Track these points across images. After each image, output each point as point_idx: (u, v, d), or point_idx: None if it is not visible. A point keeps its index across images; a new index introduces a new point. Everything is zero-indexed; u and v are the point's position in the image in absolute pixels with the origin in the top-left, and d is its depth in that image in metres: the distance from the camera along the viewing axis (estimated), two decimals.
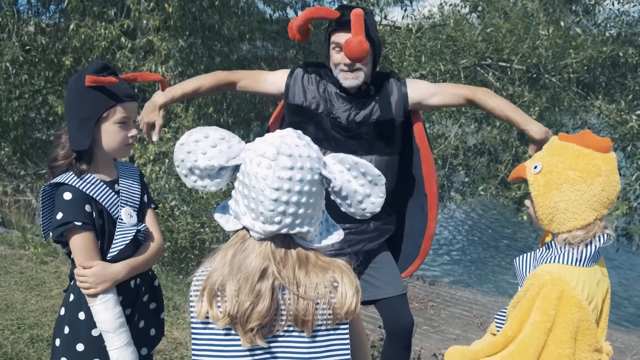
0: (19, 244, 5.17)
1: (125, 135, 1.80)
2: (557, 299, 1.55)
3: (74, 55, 7.09)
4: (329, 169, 1.24)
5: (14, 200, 7.13)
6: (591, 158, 1.58)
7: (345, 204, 1.27)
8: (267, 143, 1.22)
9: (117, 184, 1.87)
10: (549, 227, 1.63)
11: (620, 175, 5.83)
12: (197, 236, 6.23)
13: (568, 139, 1.64)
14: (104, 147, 1.79)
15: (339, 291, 1.24)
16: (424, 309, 7.50)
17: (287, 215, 1.19)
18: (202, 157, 1.24)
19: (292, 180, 1.18)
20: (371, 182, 1.26)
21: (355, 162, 1.25)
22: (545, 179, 1.61)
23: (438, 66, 5.91)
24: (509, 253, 11.44)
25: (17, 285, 4.18)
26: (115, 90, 1.76)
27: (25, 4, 8.38)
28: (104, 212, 1.78)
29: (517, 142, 6.13)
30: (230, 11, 7.57)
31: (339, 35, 2.21)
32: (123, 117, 1.78)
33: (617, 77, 5.85)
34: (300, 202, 1.19)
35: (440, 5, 7.03)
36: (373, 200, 1.27)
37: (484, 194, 6.29)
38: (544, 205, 1.61)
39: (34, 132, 8.20)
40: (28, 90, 7.43)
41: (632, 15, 5.84)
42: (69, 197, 1.72)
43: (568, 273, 1.57)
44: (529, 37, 5.37)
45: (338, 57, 2.23)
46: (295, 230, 1.22)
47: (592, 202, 1.57)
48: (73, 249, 1.75)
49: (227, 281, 1.23)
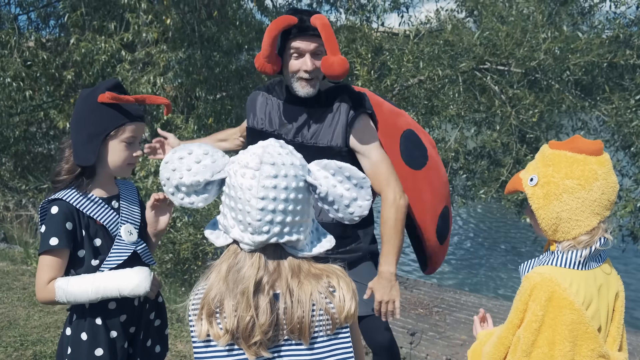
0: (21, 259, 5.19)
1: (130, 154, 1.81)
2: (546, 300, 1.54)
3: (75, 69, 7.12)
4: (314, 175, 1.25)
5: (15, 215, 7.15)
6: (586, 163, 1.57)
7: (332, 210, 1.28)
8: (250, 154, 1.23)
9: (116, 200, 1.87)
10: (554, 236, 1.63)
11: (622, 175, 5.77)
12: (199, 247, 6.22)
13: (559, 146, 1.63)
14: (109, 164, 1.80)
15: (336, 296, 1.25)
16: (429, 314, 7.47)
17: (275, 224, 1.20)
18: (187, 174, 1.25)
19: (277, 188, 1.19)
20: (357, 186, 1.27)
21: (339, 166, 1.26)
22: (543, 191, 1.60)
23: (436, 71, 5.91)
24: (511, 256, 11.40)
25: (20, 302, 4.19)
26: (127, 109, 1.78)
27: (26, 20, 8.44)
28: (100, 229, 1.78)
29: (518, 145, 6.12)
30: (229, 22, 7.59)
31: (301, 42, 2.10)
32: (130, 137, 1.79)
33: (614, 79, 5.85)
34: (287, 210, 1.20)
35: (436, 10, 7.05)
36: (360, 203, 1.28)
37: (485, 197, 6.28)
38: (547, 217, 1.60)
39: (35, 146, 8.23)
40: (29, 105, 7.46)
41: (629, 18, 5.85)
42: (54, 211, 1.73)
43: (560, 275, 1.57)
44: (526, 40, 5.37)
45: (297, 63, 2.12)
46: (285, 239, 1.22)
47: (593, 207, 1.56)
48: (39, 264, 1.76)
49: (225, 297, 1.23)
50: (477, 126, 6.66)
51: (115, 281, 1.72)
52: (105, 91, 1.74)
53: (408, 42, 6.36)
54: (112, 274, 1.74)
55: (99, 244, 1.78)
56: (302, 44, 2.10)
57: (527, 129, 5.97)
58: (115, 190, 1.89)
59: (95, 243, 1.78)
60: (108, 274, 1.74)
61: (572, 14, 6.11)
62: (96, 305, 1.78)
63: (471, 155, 7.04)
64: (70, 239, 1.73)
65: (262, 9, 8.47)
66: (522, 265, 1.74)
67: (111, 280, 1.73)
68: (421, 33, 6.68)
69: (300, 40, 2.10)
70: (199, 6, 7.28)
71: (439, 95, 6.53)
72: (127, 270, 1.75)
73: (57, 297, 1.72)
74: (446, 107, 6.32)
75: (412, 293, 7.96)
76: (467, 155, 6.90)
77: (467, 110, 6.42)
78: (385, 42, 7.34)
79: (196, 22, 7.44)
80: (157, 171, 6.43)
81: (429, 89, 6.59)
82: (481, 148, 6.89)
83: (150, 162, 6.20)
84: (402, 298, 7.44)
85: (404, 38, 6.72)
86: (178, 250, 6.17)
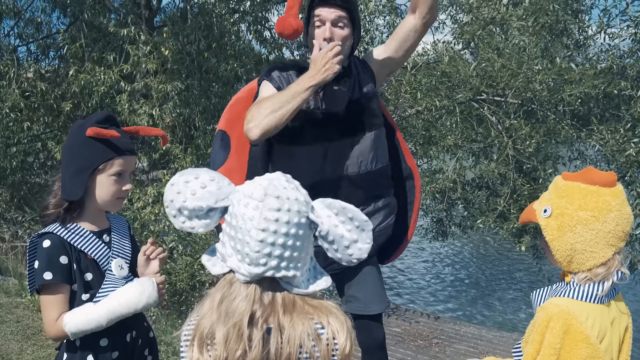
0: (16, 291, 5.13)
1: (119, 188, 1.78)
2: (563, 332, 1.52)
3: (74, 100, 7.15)
4: (317, 212, 1.24)
5: (11, 246, 7.09)
6: (600, 195, 1.56)
7: (332, 249, 1.26)
8: (256, 185, 1.23)
9: (107, 234, 1.84)
10: (569, 267, 1.61)
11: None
12: (196, 278, 6.17)
13: (572, 177, 1.63)
14: (97, 199, 1.77)
15: (323, 340, 1.22)
16: (429, 346, 7.37)
17: (273, 257, 1.18)
18: (191, 198, 1.24)
19: (279, 221, 1.17)
20: (358, 228, 1.25)
21: (343, 207, 1.25)
22: (557, 223, 1.59)
23: (434, 102, 5.94)
24: (510, 286, 11.33)
25: (13, 335, 4.13)
26: (116, 143, 1.75)
27: (25, 51, 8.52)
28: (91, 264, 1.76)
29: (515, 175, 6.13)
30: (227, 53, 7.66)
31: (322, 9, 2.16)
32: (119, 170, 1.77)
33: (610, 109, 5.89)
34: (286, 245, 1.18)
35: (433, 42, 7.12)
36: (360, 246, 1.26)
37: (482, 227, 6.26)
38: (561, 248, 1.60)
39: (32, 176, 8.22)
40: (27, 136, 7.48)
41: (622, 50, 5.91)
42: (47, 244, 1.70)
43: (577, 307, 1.55)
44: (522, 71, 5.42)
45: (319, 32, 2.17)
46: (281, 273, 1.20)
47: (608, 239, 1.55)
48: (41, 303, 1.72)
49: (216, 328, 1.21)
50: (474, 156, 6.68)
51: (125, 296, 1.71)
52: (94, 124, 1.72)
53: (406, 73, 6.41)
54: (120, 292, 1.73)
55: (89, 279, 1.75)
56: (324, 10, 2.15)
57: (524, 160, 5.99)
58: (106, 223, 1.87)
59: (86, 277, 1.75)
60: (115, 294, 1.73)
61: (567, 46, 6.17)
62: (87, 342, 1.74)
63: (469, 185, 7.04)
64: (67, 274, 1.70)
65: (260, 40, 8.56)
66: (534, 294, 1.72)
67: (122, 297, 1.71)
68: (419, 64, 6.73)
69: (322, 7, 2.16)
70: (197, 37, 7.35)
71: (436, 125, 6.55)
72: (133, 285, 1.74)
73: (68, 329, 1.68)
74: (444, 137, 6.34)
75: (410, 325, 7.88)
76: (466, 186, 6.90)
77: (464, 140, 6.45)
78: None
79: (195, 53, 7.51)
80: (154, 201, 6.42)
81: (427, 120, 6.62)
82: (479, 178, 6.90)
83: (148, 193, 6.19)
84: (400, 329, 7.36)
85: (401, 69, 6.78)
86: (174, 281, 6.11)
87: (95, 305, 1.71)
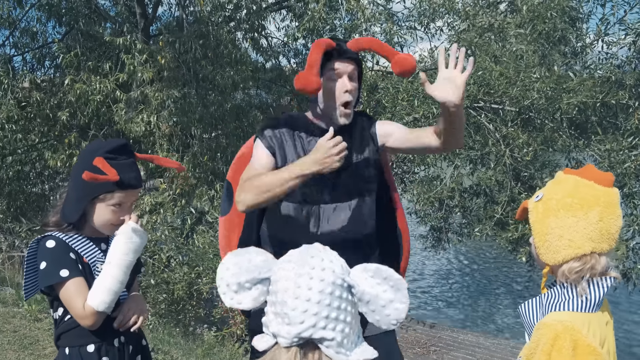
0: (13, 301, 5.09)
1: (116, 217, 1.81)
2: (572, 349, 1.51)
3: (69, 109, 7.13)
4: (352, 274, 1.26)
5: (7, 256, 7.05)
6: (591, 189, 1.59)
7: (369, 311, 1.27)
8: (293, 251, 1.28)
9: (104, 242, 1.87)
10: (545, 256, 1.61)
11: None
12: (193, 287, 6.14)
13: (572, 172, 1.67)
14: (94, 222, 1.82)
15: None
16: (427, 354, 7.36)
17: (310, 314, 1.19)
18: (238, 272, 1.28)
19: (313, 279, 1.20)
20: (393, 287, 1.26)
21: (378, 268, 1.26)
22: (544, 206, 1.62)
23: (431, 109, 5.95)
24: (507, 294, 11.33)
25: (10, 345, 4.09)
26: (120, 175, 1.75)
27: (21, 61, 8.50)
28: (86, 267, 1.78)
29: (512, 183, 6.13)
30: (224, 61, 7.66)
31: (340, 64, 2.18)
32: (119, 202, 1.79)
33: (609, 118, 5.91)
34: (322, 303, 1.20)
35: (430, 50, 7.15)
36: (397, 306, 1.26)
37: (480, 235, 6.26)
38: (541, 231, 1.61)
39: (28, 186, 8.17)
40: (23, 146, 7.45)
41: (620, 59, 5.94)
42: (51, 245, 1.73)
43: (579, 320, 1.54)
44: (519, 79, 5.43)
45: (338, 86, 2.18)
46: (319, 334, 1.20)
47: (588, 231, 1.55)
48: (64, 299, 1.73)
49: None
50: (472, 164, 6.68)
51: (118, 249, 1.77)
52: (103, 154, 1.74)
53: (402, 80, 6.42)
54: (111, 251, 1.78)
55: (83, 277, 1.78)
56: (342, 65, 2.18)
57: (521, 168, 5.99)
58: (104, 234, 1.90)
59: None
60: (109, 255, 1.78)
61: (565, 54, 6.20)
62: (75, 350, 1.77)
63: (467, 193, 7.04)
64: (78, 268, 1.74)
65: (256, 48, 8.57)
66: (522, 306, 1.71)
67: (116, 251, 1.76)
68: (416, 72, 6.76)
69: (339, 61, 2.18)
70: (194, 46, 7.35)
71: None
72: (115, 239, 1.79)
73: (97, 306, 1.71)
74: None
75: (408, 332, 7.87)
76: (463, 193, 6.90)
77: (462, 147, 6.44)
78: (380, 80, 7.41)
79: (191, 61, 7.50)
80: (151, 210, 6.40)
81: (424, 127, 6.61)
82: (477, 186, 6.90)
83: (145, 201, 6.17)
84: (398, 337, 7.34)
85: (398, 77, 6.79)
86: (172, 289, 6.08)
87: (102, 274, 1.74)
